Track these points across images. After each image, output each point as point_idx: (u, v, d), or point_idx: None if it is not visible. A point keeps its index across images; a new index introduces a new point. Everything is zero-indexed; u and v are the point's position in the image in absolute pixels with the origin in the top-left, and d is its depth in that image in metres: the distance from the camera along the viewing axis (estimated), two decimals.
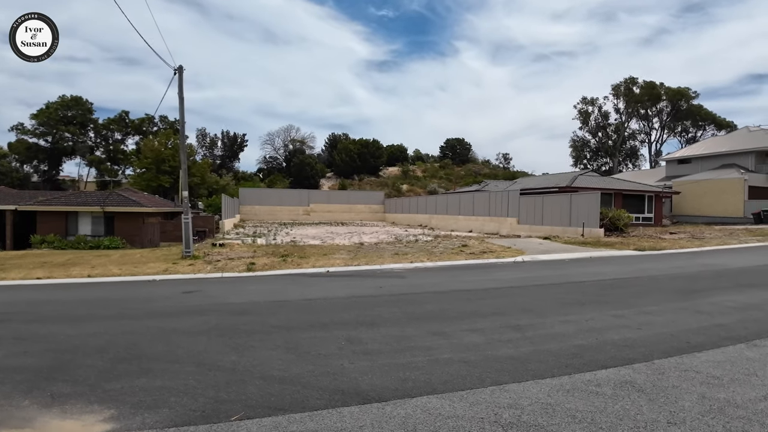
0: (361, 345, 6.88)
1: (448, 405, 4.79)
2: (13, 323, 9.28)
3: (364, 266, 15.97)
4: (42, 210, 30.63)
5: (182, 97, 21.62)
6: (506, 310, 9.16)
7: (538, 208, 31.18)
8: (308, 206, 62.11)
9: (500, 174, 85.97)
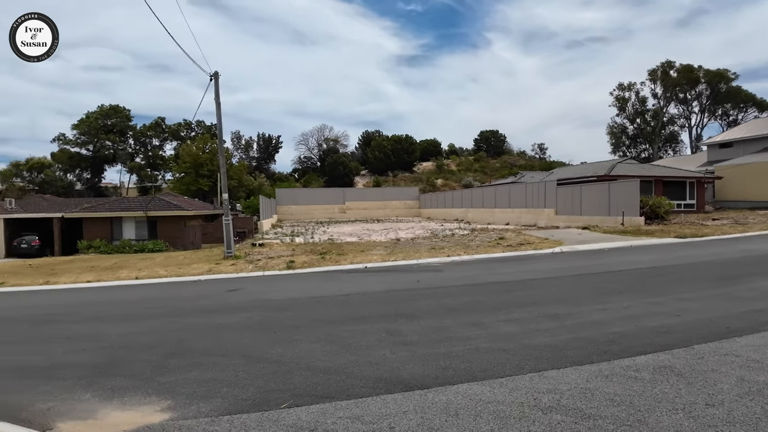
0: (400, 336, 7.06)
1: (488, 391, 4.92)
2: (69, 323, 9.79)
3: (401, 261, 16.15)
4: (87, 216, 31.80)
5: (219, 102, 22.16)
6: (543, 300, 9.20)
7: (576, 198, 30.77)
8: (343, 204, 62.63)
9: (536, 165, 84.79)
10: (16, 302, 13.17)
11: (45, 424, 4.85)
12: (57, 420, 4.96)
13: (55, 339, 8.33)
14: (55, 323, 9.78)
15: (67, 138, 78.45)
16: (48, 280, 16.90)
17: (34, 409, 5.25)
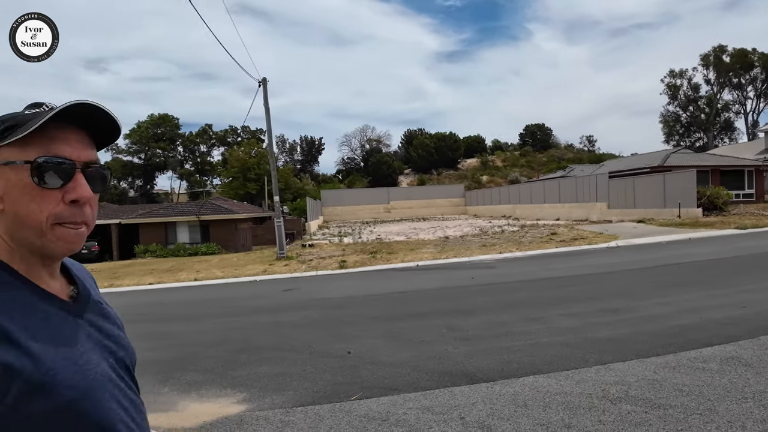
0: (460, 332, 7.12)
1: (554, 383, 4.95)
2: (138, 323, 10.26)
3: (452, 259, 16.19)
4: (143, 222, 33.01)
5: (268, 108, 22.66)
6: (601, 294, 9.10)
7: (629, 190, 30.02)
8: (388, 204, 62.78)
9: (585, 158, 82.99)
10: None
11: None
12: None
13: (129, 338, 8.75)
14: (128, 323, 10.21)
15: (120, 147, 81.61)
16: (112, 283, 17.69)
17: None
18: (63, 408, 0.89)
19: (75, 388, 0.91)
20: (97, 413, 0.94)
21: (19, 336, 0.88)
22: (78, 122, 0.98)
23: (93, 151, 1.01)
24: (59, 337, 0.95)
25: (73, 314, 1.02)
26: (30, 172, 0.93)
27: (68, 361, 0.93)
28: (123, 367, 1.07)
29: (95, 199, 1.02)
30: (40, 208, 0.94)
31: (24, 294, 0.95)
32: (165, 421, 4.97)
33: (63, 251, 0.98)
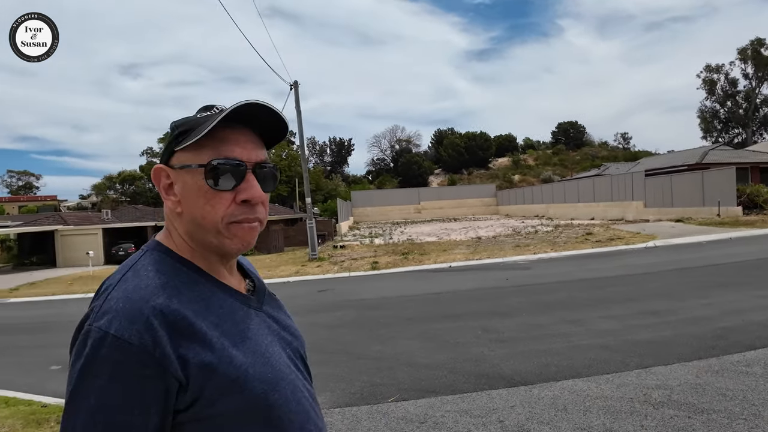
0: (496, 333, 7.09)
1: (594, 387, 4.89)
2: None
3: (485, 260, 16.09)
4: None
5: (299, 110, 22.88)
6: (641, 296, 8.93)
7: (666, 189, 29.35)
8: (418, 204, 62.64)
9: (620, 155, 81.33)
10: None
11: None
12: None
13: None
14: None
15: (154, 151, 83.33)
16: None
17: None
18: (256, 401, 0.93)
19: (265, 381, 0.95)
20: (286, 404, 0.97)
21: (212, 334, 0.92)
22: (247, 123, 1.02)
23: (263, 151, 1.04)
24: (246, 332, 0.99)
25: (254, 307, 1.07)
26: (204, 175, 0.96)
27: (256, 354, 0.97)
28: (298, 356, 1.11)
29: (266, 198, 1.05)
30: (215, 209, 0.97)
31: (211, 291, 1.00)
32: None
33: (238, 248, 1.01)
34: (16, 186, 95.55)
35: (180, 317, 0.90)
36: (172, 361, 0.86)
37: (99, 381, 0.83)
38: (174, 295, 0.92)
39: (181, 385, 0.87)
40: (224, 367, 0.90)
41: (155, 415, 0.85)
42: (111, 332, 0.85)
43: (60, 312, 13.72)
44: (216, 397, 0.89)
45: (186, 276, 0.98)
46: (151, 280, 0.94)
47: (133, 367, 0.84)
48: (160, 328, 0.86)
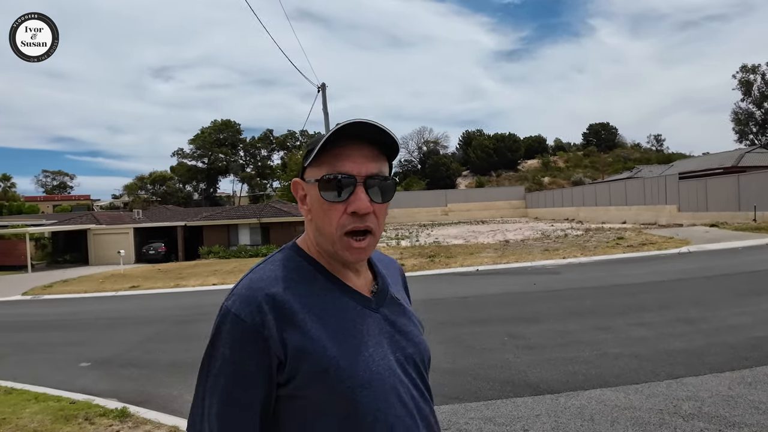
0: (523, 340, 6.98)
1: (623, 397, 4.76)
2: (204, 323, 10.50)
3: (513, 264, 15.89)
4: (207, 224, 34.10)
5: (327, 113, 22.93)
6: (674, 303, 8.70)
7: (701, 192, 28.61)
8: (446, 206, 62.29)
9: (653, 158, 79.66)
10: (157, 303, 14.45)
11: None
12: None
13: (196, 337, 9.05)
14: (195, 323, 10.64)
15: (185, 152, 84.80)
16: (178, 283, 18.39)
17: (183, 401, 5.78)
18: (341, 393, 1.01)
19: (354, 378, 1.02)
20: (373, 404, 1.03)
21: (312, 325, 1.03)
22: (366, 138, 1.09)
23: (377, 164, 1.10)
24: (350, 329, 1.07)
25: (370, 309, 1.14)
26: (317, 189, 1.08)
27: (354, 351, 1.05)
28: (411, 363, 1.14)
29: (381, 208, 1.11)
30: (330, 219, 1.08)
31: (327, 288, 1.11)
32: None
33: (350, 259, 1.10)
34: (51, 185, 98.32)
35: (287, 306, 1.03)
36: (275, 341, 1.00)
37: (222, 348, 1.02)
38: (288, 287, 1.06)
39: (281, 363, 1.01)
40: (316, 356, 1.01)
41: (261, 384, 1.01)
42: (233, 310, 1.03)
43: (91, 309, 14.04)
44: (306, 381, 1.01)
45: (306, 272, 1.12)
46: (272, 272, 1.10)
47: (246, 341, 1.00)
48: (269, 312, 1.02)
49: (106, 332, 10.43)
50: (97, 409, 5.33)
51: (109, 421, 4.95)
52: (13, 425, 4.92)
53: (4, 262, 30.53)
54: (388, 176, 1.12)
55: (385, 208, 1.13)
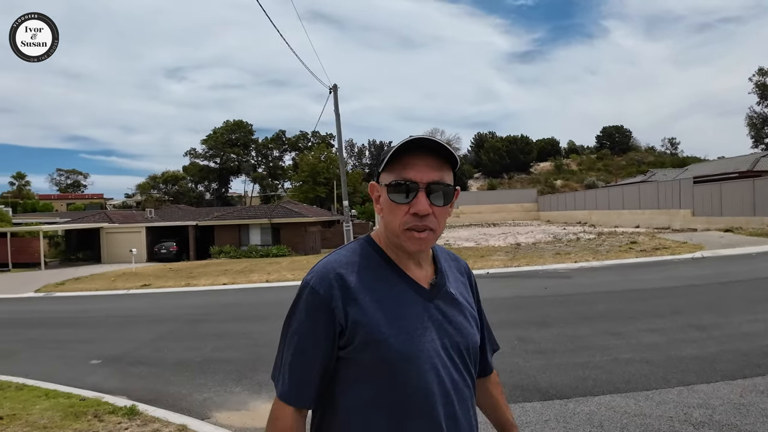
0: (533, 344, 6.93)
1: (633, 403, 4.70)
2: (213, 323, 10.65)
3: (524, 267, 15.80)
4: (218, 224, 34.28)
5: (338, 114, 23.05)
6: (687, 309, 8.60)
7: (716, 197, 28.29)
8: (457, 208, 62.14)
9: (667, 161, 78.91)
10: (168, 302, 14.54)
11: (203, 414, 5.34)
12: (213, 410, 5.44)
13: (205, 336, 9.12)
14: (204, 322, 10.71)
15: (197, 152, 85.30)
16: (189, 282, 18.48)
17: (192, 399, 5.81)
18: (388, 362, 1.23)
19: (399, 352, 1.23)
20: (414, 375, 1.24)
21: (370, 305, 1.25)
22: (430, 150, 1.27)
23: (439, 173, 1.28)
24: (403, 312, 1.27)
25: (424, 297, 1.32)
26: (387, 192, 1.28)
27: (401, 330, 1.25)
28: (456, 349, 1.32)
29: (441, 211, 1.29)
30: (396, 217, 1.28)
31: (389, 275, 1.32)
32: (237, 420, 5.12)
33: (412, 249, 1.30)
34: (65, 184, 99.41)
35: (352, 285, 1.26)
36: (340, 311, 1.24)
37: (299, 313, 1.28)
38: (355, 270, 1.30)
39: (342, 330, 1.25)
40: (369, 329, 1.23)
41: (325, 343, 1.25)
42: (311, 284, 1.27)
43: (103, 307, 14.15)
44: (361, 347, 1.24)
45: (374, 260, 1.33)
46: (345, 257, 1.33)
47: (318, 309, 1.25)
48: (337, 288, 1.25)
49: (116, 330, 10.51)
50: (106, 406, 5.36)
51: (118, 419, 4.97)
52: (24, 421, 4.96)
53: (19, 260, 30.86)
54: (449, 184, 1.30)
55: (445, 210, 1.31)
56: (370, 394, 1.25)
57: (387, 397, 1.24)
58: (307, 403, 1.30)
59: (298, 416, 1.29)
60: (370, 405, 1.25)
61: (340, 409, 1.29)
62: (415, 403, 1.24)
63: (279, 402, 1.30)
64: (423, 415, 1.24)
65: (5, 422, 4.96)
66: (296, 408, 1.28)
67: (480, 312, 1.53)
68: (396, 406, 1.24)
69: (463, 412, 1.31)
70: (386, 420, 1.24)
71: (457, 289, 1.41)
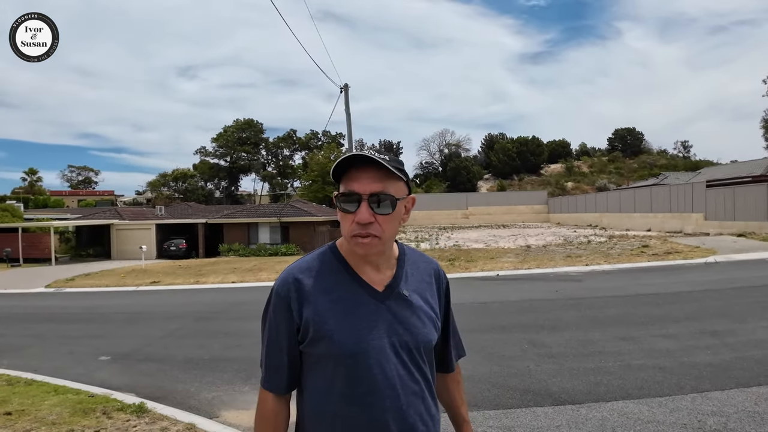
0: (544, 348, 6.85)
1: (646, 410, 4.63)
2: (222, 321, 10.65)
3: (534, 269, 15.70)
4: (228, 222, 34.35)
5: (349, 113, 22.98)
6: (700, 314, 8.49)
7: (729, 201, 27.99)
8: (466, 209, 61.87)
9: (680, 164, 78.20)
10: (177, 300, 14.57)
11: (211, 412, 5.32)
12: (222, 409, 5.42)
13: (214, 334, 9.11)
14: (213, 320, 10.71)
15: (207, 150, 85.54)
16: (198, 280, 18.52)
17: (200, 398, 5.79)
18: (335, 355, 1.40)
19: (345, 347, 1.38)
20: (357, 370, 1.39)
21: (323, 306, 1.41)
22: (372, 163, 1.36)
23: (381, 184, 1.37)
24: (352, 312, 1.42)
25: (376, 299, 1.45)
26: (337, 202, 1.41)
27: (349, 328, 1.40)
28: (404, 346, 1.44)
29: (385, 219, 1.39)
30: (345, 225, 1.41)
31: (344, 279, 1.46)
32: (246, 419, 5.09)
33: (360, 252, 1.42)
34: (76, 180, 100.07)
35: (308, 288, 1.43)
36: (295, 311, 1.42)
37: (270, 312, 1.48)
38: (312, 275, 1.45)
39: (298, 327, 1.43)
40: (318, 326, 1.39)
41: (288, 337, 1.44)
42: (275, 287, 1.47)
43: (112, 303, 14.20)
44: (313, 342, 1.41)
45: (332, 265, 1.48)
46: (307, 263, 1.50)
47: (280, 309, 1.44)
48: (294, 291, 1.43)
49: (125, 327, 10.53)
50: (115, 403, 5.35)
51: (127, 416, 4.96)
52: (32, 417, 4.96)
53: (29, 255, 31.09)
54: (391, 194, 1.38)
55: (391, 217, 1.40)
56: (323, 382, 1.43)
57: (336, 385, 1.41)
58: (282, 389, 1.49)
59: (279, 400, 1.50)
60: (324, 392, 1.43)
61: (305, 394, 1.49)
62: (359, 393, 1.39)
63: (261, 389, 1.52)
64: (367, 404, 1.39)
65: (14, 417, 4.96)
66: (274, 394, 1.49)
67: (447, 314, 1.64)
68: (344, 393, 1.40)
69: (410, 405, 1.42)
70: (336, 405, 1.40)
71: (417, 291, 1.51)
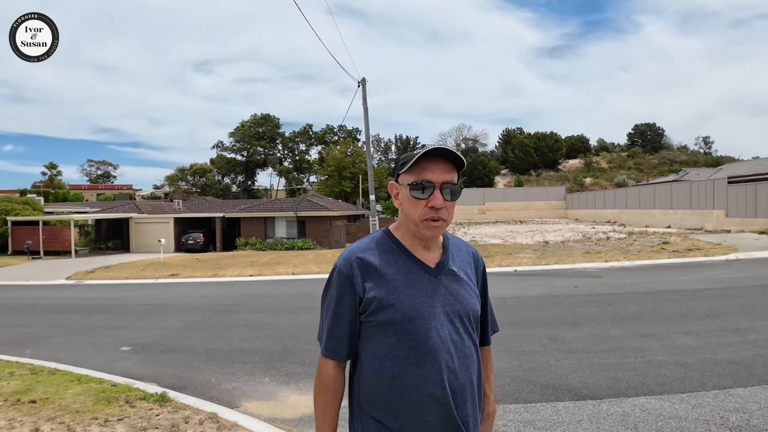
0: (564, 344, 6.82)
1: (668, 406, 4.59)
2: (241, 313, 10.74)
3: (553, 265, 15.59)
4: (245, 216, 34.57)
5: (366, 108, 23.02)
6: (722, 311, 8.38)
7: (750, 197, 27.53)
8: (483, 205, 61.58)
9: (701, 160, 77.09)
10: (196, 292, 14.72)
11: (232, 402, 5.37)
12: (243, 399, 5.47)
13: (233, 326, 9.20)
14: (232, 312, 10.80)
15: (224, 145, 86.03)
16: (216, 273, 18.69)
17: (221, 388, 5.85)
18: (396, 322, 1.59)
19: (404, 314, 1.59)
20: (416, 333, 1.58)
21: (382, 279, 1.62)
22: (442, 156, 1.62)
23: (450, 175, 1.63)
24: (409, 284, 1.63)
25: (430, 274, 1.67)
26: (409, 190, 1.63)
27: (408, 298, 1.60)
28: (456, 315, 1.66)
29: (450, 204, 1.64)
30: (416, 210, 1.62)
31: (401, 257, 1.68)
32: (266, 410, 5.13)
33: (429, 235, 1.65)
34: (95, 175, 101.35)
35: (370, 265, 1.65)
36: (359, 286, 1.63)
37: (332, 288, 1.68)
38: (372, 254, 1.67)
39: (361, 300, 1.63)
40: (380, 297, 1.60)
41: (351, 310, 1.65)
42: (338, 265, 1.68)
43: (132, 295, 14.38)
44: (375, 311, 1.61)
45: (388, 246, 1.70)
46: (366, 243, 1.72)
47: (343, 284, 1.65)
48: (356, 268, 1.64)
49: (146, 318, 10.67)
50: (137, 392, 5.43)
51: (149, 405, 5.03)
52: (57, 405, 5.05)
53: (50, 248, 31.56)
54: (456, 182, 1.65)
55: (453, 204, 1.66)
56: (382, 348, 1.62)
57: (396, 349, 1.60)
58: (343, 356, 1.68)
59: (338, 368, 1.69)
60: (383, 356, 1.61)
61: (363, 360, 1.67)
62: (418, 354, 1.58)
63: (322, 358, 1.70)
64: (425, 364, 1.58)
65: (39, 405, 5.05)
66: (335, 361, 1.68)
67: (485, 293, 1.88)
68: (404, 356, 1.59)
69: (462, 368, 1.63)
70: (396, 368, 1.59)
71: (461, 268, 1.75)
